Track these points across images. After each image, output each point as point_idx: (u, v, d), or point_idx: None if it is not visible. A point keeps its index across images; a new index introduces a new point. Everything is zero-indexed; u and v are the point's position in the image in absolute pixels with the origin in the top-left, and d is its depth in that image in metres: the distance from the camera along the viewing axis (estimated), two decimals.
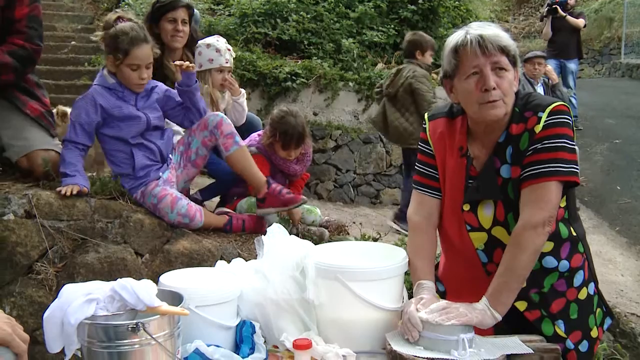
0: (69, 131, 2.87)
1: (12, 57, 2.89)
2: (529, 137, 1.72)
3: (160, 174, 2.96)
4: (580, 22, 8.44)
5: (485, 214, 1.81)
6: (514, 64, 1.75)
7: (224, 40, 3.51)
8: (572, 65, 8.45)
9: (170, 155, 3.08)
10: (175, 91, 3.05)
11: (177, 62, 2.95)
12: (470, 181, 1.83)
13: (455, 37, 1.77)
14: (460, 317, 1.56)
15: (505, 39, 1.74)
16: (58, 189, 2.80)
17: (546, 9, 8.55)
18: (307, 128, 3.32)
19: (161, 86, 3.07)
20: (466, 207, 1.84)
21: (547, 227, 1.67)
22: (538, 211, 1.66)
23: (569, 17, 8.30)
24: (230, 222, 3.12)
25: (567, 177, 1.68)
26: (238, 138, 3.07)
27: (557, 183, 1.68)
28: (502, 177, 1.77)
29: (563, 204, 1.80)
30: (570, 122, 1.72)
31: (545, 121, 1.69)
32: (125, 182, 2.97)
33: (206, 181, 3.82)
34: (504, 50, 1.72)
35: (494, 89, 1.70)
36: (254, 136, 3.43)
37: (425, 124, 1.96)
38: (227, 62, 3.41)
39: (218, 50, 3.39)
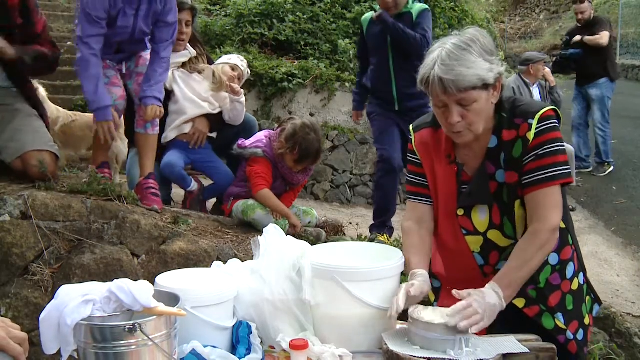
0: (86, 25, 2.99)
1: (48, 52, 3.04)
2: (522, 144, 1.76)
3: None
4: (599, 37, 6.69)
5: (480, 218, 1.85)
6: (486, 87, 1.71)
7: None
8: (595, 91, 6.82)
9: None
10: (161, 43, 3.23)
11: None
12: (464, 187, 1.87)
13: (423, 69, 1.75)
14: (477, 324, 1.55)
15: (469, 77, 1.66)
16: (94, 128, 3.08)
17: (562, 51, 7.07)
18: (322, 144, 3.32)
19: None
20: (460, 212, 1.88)
21: (558, 230, 1.76)
22: (555, 215, 1.74)
23: (587, 38, 6.73)
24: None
25: (567, 179, 1.76)
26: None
27: (559, 186, 1.76)
28: (497, 181, 1.81)
29: None
30: (558, 125, 1.77)
31: (537, 128, 1.74)
32: None
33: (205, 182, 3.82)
34: (467, 89, 1.68)
35: (458, 122, 1.73)
36: (261, 137, 3.37)
37: (410, 135, 2.00)
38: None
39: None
